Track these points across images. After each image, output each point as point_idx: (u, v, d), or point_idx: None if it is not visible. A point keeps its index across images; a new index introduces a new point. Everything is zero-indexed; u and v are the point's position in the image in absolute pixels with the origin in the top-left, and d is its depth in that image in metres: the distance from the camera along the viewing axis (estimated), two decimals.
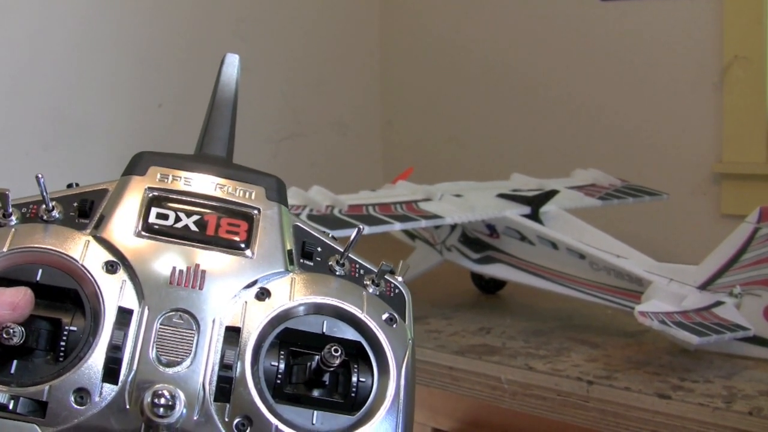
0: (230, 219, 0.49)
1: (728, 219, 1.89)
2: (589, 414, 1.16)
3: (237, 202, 0.50)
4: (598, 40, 2.23)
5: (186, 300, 0.45)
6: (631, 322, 1.22)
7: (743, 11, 1.97)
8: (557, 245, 1.43)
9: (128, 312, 0.44)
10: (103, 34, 2.04)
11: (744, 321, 1.18)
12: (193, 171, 0.51)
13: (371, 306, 0.49)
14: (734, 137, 2.01)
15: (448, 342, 1.37)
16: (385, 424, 0.45)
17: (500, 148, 2.42)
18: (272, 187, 0.52)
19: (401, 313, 0.51)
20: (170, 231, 0.47)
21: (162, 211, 0.48)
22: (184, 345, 0.44)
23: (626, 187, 1.76)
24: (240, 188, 0.51)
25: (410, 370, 0.48)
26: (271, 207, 0.51)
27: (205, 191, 0.50)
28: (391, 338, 0.48)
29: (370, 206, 1.43)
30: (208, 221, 0.48)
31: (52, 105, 1.93)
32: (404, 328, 0.49)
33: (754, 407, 1.05)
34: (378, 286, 0.51)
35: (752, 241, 1.19)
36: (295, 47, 2.48)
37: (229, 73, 0.58)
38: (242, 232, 0.49)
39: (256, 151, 2.38)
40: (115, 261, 0.46)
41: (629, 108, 2.18)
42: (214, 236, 0.48)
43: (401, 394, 0.46)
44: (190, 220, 0.48)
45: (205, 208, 0.49)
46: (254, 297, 0.47)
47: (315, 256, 0.51)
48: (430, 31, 2.60)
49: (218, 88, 0.57)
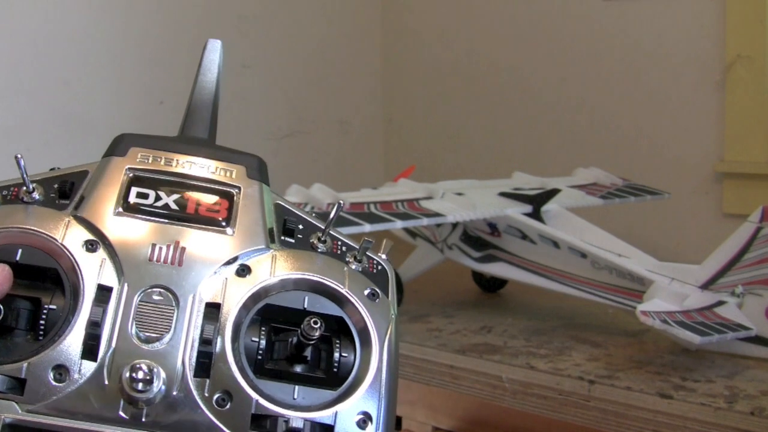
0: (210, 197, 0.49)
1: (730, 218, 1.88)
2: (591, 413, 1.16)
3: (217, 180, 0.50)
4: (601, 40, 2.23)
5: (165, 277, 0.45)
6: (633, 321, 1.22)
7: (746, 11, 1.97)
8: (559, 244, 1.43)
9: (108, 289, 0.44)
10: (105, 31, 2.04)
11: (746, 320, 1.18)
12: (174, 151, 0.51)
13: (353, 281, 0.49)
14: (736, 136, 2.01)
15: (450, 340, 1.37)
16: (367, 398, 0.45)
17: (502, 146, 2.42)
18: (253, 166, 0.52)
19: (384, 289, 0.50)
20: (150, 210, 0.47)
21: (142, 191, 0.48)
22: (163, 321, 0.44)
23: (628, 186, 1.76)
24: (221, 167, 0.51)
25: (393, 345, 0.47)
26: (251, 185, 0.51)
27: (186, 171, 0.50)
28: (373, 313, 0.48)
29: (371, 204, 1.43)
30: (188, 200, 0.48)
31: (53, 101, 1.93)
32: (387, 303, 0.49)
33: (756, 407, 1.05)
34: (360, 263, 0.51)
35: (754, 241, 1.19)
36: (297, 45, 2.47)
37: (211, 58, 0.58)
38: (223, 210, 0.48)
39: (257, 149, 2.33)
40: (94, 240, 0.46)
41: (631, 107, 2.18)
42: (194, 214, 0.48)
43: (384, 369, 0.46)
44: (170, 198, 0.48)
45: (186, 187, 0.49)
46: (234, 273, 0.47)
47: (296, 233, 0.51)
48: (432, 30, 2.60)
49: (200, 72, 0.57)
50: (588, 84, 2.25)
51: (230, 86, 2.29)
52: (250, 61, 2.36)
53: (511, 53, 2.40)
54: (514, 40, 2.40)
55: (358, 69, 2.68)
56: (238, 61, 2.33)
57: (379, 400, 0.45)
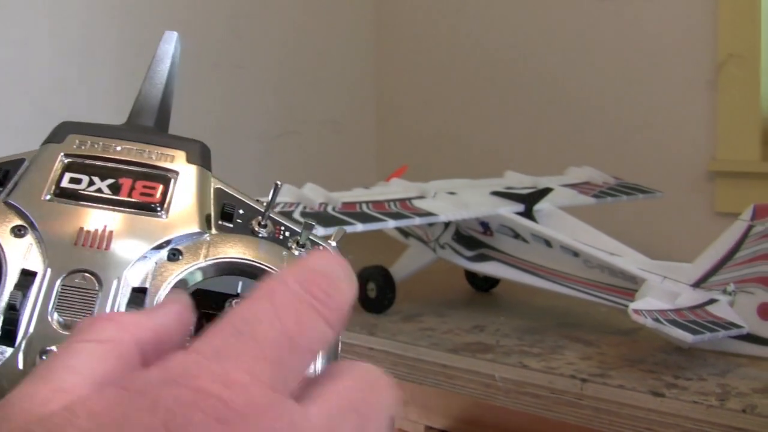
0: (146, 182, 0.48)
1: (722, 217, 1.89)
2: (583, 412, 1.16)
3: (155, 165, 0.49)
4: (593, 39, 2.23)
5: (90, 260, 0.44)
6: (626, 320, 1.22)
7: (737, 9, 1.97)
8: (551, 243, 1.43)
9: (31, 274, 0.43)
10: (98, 31, 2.03)
11: (738, 319, 1.18)
12: (113, 137, 0.50)
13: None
14: (728, 135, 2.01)
15: (442, 340, 1.37)
16: None
17: (494, 146, 2.42)
18: (194, 151, 0.50)
19: None
20: (82, 194, 0.46)
21: (75, 176, 0.47)
22: (85, 305, 0.43)
23: (620, 185, 1.76)
24: (159, 152, 0.49)
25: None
26: (190, 170, 0.49)
27: (123, 156, 0.49)
28: None
29: (363, 203, 1.43)
30: (122, 184, 0.47)
31: (47, 103, 1.93)
32: None
33: (748, 405, 1.05)
34: (304, 248, 0.49)
35: (746, 239, 1.19)
36: (289, 44, 2.47)
37: (165, 49, 0.56)
38: (157, 194, 0.47)
39: (249, 149, 2.38)
40: (23, 225, 0.45)
41: (623, 106, 2.18)
42: (126, 198, 0.47)
43: (322, 357, 0.44)
44: (104, 183, 0.47)
45: (121, 172, 0.48)
46: (166, 258, 0.45)
47: (236, 217, 0.50)
48: (425, 30, 2.60)
49: (152, 62, 0.56)
50: (580, 83, 2.25)
51: (222, 86, 2.31)
52: (242, 61, 2.36)
53: (503, 53, 2.41)
54: (507, 40, 2.40)
55: (350, 69, 2.68)
56: (230, 62, 2.33)
57: None
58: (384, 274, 1.55)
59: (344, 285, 0.29)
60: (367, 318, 1.51)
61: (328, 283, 0.28)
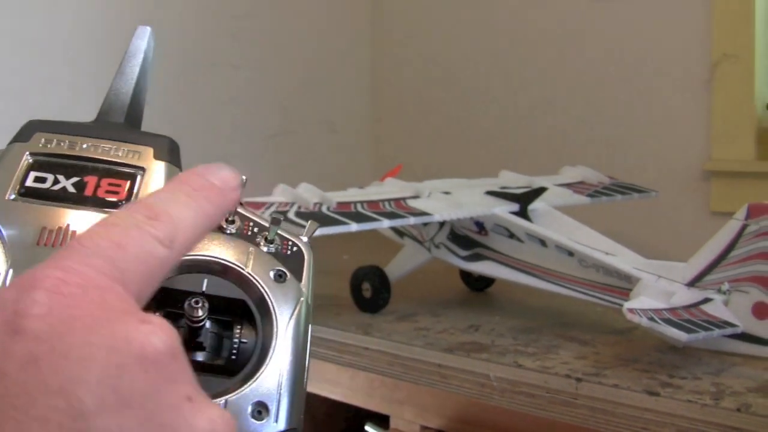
0: (111, 179, 0.47)
1: (717, 216, 1.89)
2: (578, 411, 1.16)
3: (121, 162, 0.48)
4: (587, 39, 2.23)
5: None
6: (621, 319, 1.22)
7: (732, 9, 1.97)
8: (546, 242, 1.43)
9: None
10: (92, 29, 2.03)
11: (732, 318, 1.18)
12: (79, 135, 0.49)
13: (257, 262, 0.46)
14: (723, 135, 2.01)
15: (437, 339, 1.37)
16: (264, 386, 0.42)
17: (489, 145, 2.42)
18: (162, 147, 0.50)
19: (297, 271, 0.48)
20: (46, 193, 0.46)
21: (40, 175, 0.46)
22: None
23: (615, 185, 1.76)
24: (126, 149, 0.48)
25: (299, 329, 0.45)
26: (157, 166, 0.48)
27: (89, 153, 0.48)
28: (277, 295, 0.45)
29: (358, 203, 1.43)
30: (87, 182, 0.46)
31: (39, 102, 1.92)
32: (295, 284, 0.47)
33: (743, 404, 1.05)
34: (272, 243, 0.49)
35: (740, 238, 1.19)
36: (285, 44, 2.47)
37: (137, 44, 0.55)
38: (123, 191, 0.47)
39: (246, 148, 2.37)
40: None
41: (618, 106, 2.18)
42: (91, 196, 0.46)
43: (288, 354, 0.44)
44: (69, 182, 0.46)
45: (87, 169, 0.47)
46: None
47: None
48: (420, 30, 2.60)
49: (124, 58, 0.55)
50: (575, 82, 2.25)
51: (220, 86, 2.30)
52: (239, 61, 2.36)
53: (498, 53, 2.41)
54: (502, 40, 2.40)
55: (347, 69, 2.68)
56: (227, 62, 2.33)
57: (279, 389, 0.43)
58: (379, 273, 1.55)
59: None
60: (362, 318, 1.51)
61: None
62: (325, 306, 1.60)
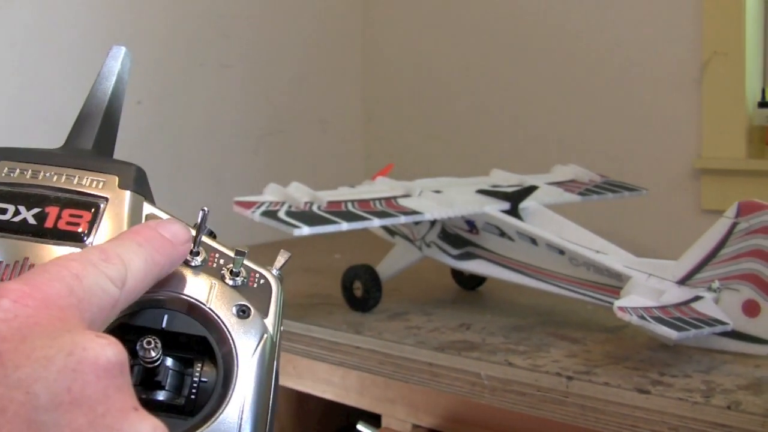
0: (73, 210, 0.46)
1: (708, 214, 1.89)
2: (569, 409, 1.16)
3: (83, 192, 0.46)
4: (577, 37, 2.23)
5: None
6: (611, 317, 1.22)
7: (722, 7, 1.98)
8: (537, 241, 1.43)
9: None
10: (81, 28, 2.02)
11: (723, 316, 1.18)
12: (44, 163, 0.47)
13: (219, 297, 0.44)
14: (714, 133, 2.02)
15: (428, 338, 1.37)
16: (223, 426, 0.41)
17: (480, 144, 2.42)
18: (128, 175, 0.48)
19: (263, 305, 0.46)
20: (6, 225, 0.44)
21: (1, 206, 0.45)
22: None
23: (606, 183, 1.76)
24: (90, 177, 0.47)
25: (263, 368, 0.43)
26: (120, 196, 0.47)
27: (52, 183, 0.47)
28: (239, 332, 0.43)
29: (349, 202, 1.43)
30: (48, 213, 0.45)
31: (25, 101, 1.92)
32: (259, 320, 0.44)
33: (733, 401, 1.05)
34: (238, 276, 0.47)
35: (730, 236, 1.19)
36: (276, 44, 2.47)
37: (110, 66, 0.54)
38: (84, 222, 0.45)
39: (237, 148, 2.37)
40: None
41: (609, 104, 2.18)
42: (51, 228, 0.45)
43: (250, 393, 0.42)
44: (29, 213, 0.45)
45: (49, 200, 0.46)
46: None
47: None
48: (411, 28, 2.60)
49: (96, 80, 0.53)
50: (566, 81, 2.26)
51: (209, 86, 2.30)
52: (229, 60, 2.35)
53: (489, 52, 2.41)
54: (492, 39, 2.40)
55: (338, 68, 2.68)
56: (217, 61, 2.33)
57: (239, 428, 0.41)
58: (370, 272, 1.55)
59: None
60: (353, 316, 1.50)
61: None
62: (316, 305, 1.60)
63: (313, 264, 1.97)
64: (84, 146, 0.51)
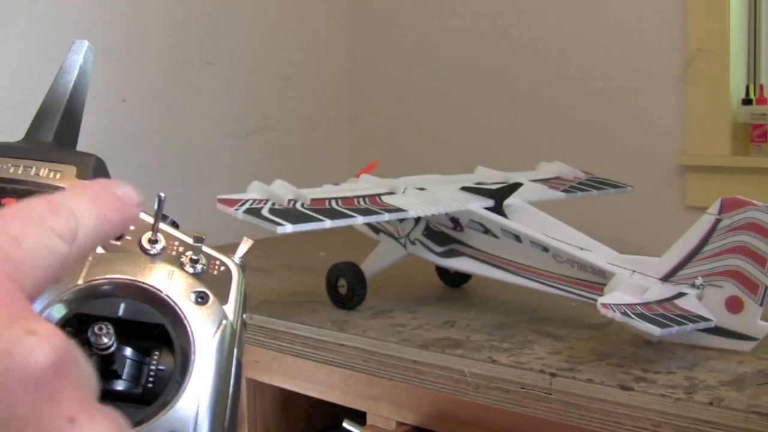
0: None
1: (693, 211, 1.89)
2: (552, 406, 1.16)
3: (40, 183, 0.46)
4: (561, 34, 2.23)
5: None
6: (595, 314, 1.22)
7: (707, 4, 1.98)
8: (521, 238, 1.43)
9: None
10: (64, 26, 2.01)
11: (706, 312, 1.18)
12: (1, 155, 0.47)
13: (177, 284, 0.44)
14: (699, 130, 2.02)
15: (412, 336, 1.37)
16: (180, 414, 0.40)
17: (466, 141, 2.42)
18: (87, 166, 0.47)
19: (223, 292, 0.45)
20: None
21: None
22: None
23: (591, 180, 1.77)
24: (47, 168, 0.46)
25: (222, 355, 0.42)
26: None
27: (8, 175, 0.46)
28: (196, 319, 0.42)
29: (333, 200, 1.42)
30: (4, 205, 0.43)
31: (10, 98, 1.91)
32: (218, 307, 0.44)
33: (715, 397, 1.05)
34: (197, 263, 0.46)
35: (714, 233, 1.20)
36: (261, 41, 2.46)
37: (72, 60, 0.53)
38: None
39: (222, 146, 2.36)
40: None
41: (594, 101, 2.18)
42: None
43: (208, 380, 0.41)
44: None
45: (5, 191, 0.45)
46: None
47: (125, 235, 0.46)
48: (398, 26, 2.60)
49: (58, 74, 0.53)
50: (550, 78, 2.26)
51: (194, 84, 2.29)
52: (214, 58, 2.34)
53: (474, 49, 2.41)
54: (477, 37, 2.40)
55: (323, 66, 2.67)
56: (202, 59, 2.32)
57: (195, 418, 0.40)
58: (355, 270, 1.55)
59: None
60: (337, 314, 1.50)
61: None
62: (301, 303, 1.60)
63: (298, 262, 1.96)
64: (44, 139, 0.50)
